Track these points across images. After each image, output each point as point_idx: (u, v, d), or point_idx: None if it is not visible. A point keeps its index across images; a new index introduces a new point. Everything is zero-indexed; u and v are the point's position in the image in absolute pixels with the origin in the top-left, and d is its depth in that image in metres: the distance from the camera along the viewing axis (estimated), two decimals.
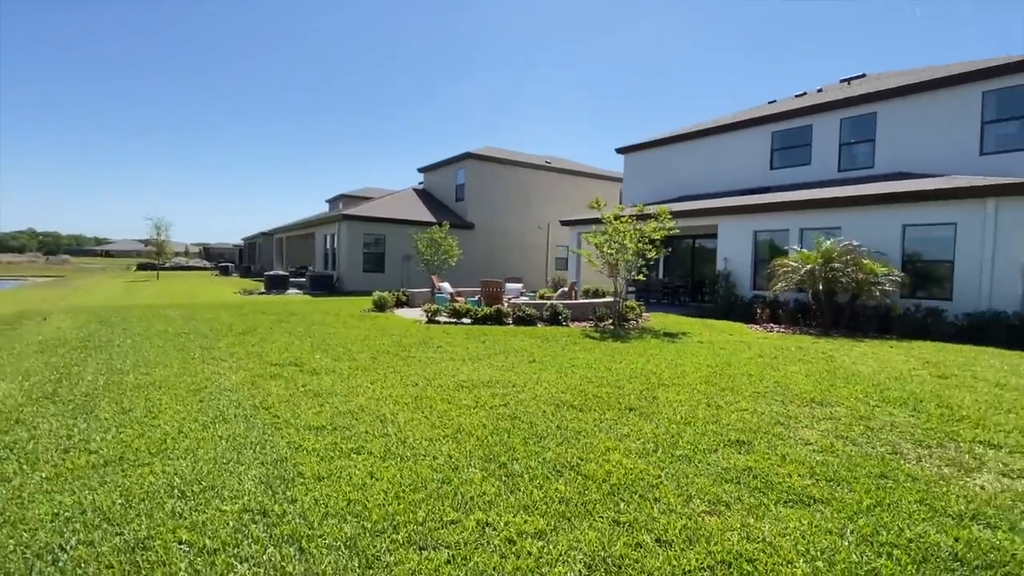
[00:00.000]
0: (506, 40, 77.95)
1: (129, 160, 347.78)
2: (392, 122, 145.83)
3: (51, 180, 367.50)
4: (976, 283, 11.28)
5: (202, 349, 7.91)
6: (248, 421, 4.47)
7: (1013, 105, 13.11)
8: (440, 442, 4.03)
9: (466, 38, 70.48)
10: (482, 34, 74.28)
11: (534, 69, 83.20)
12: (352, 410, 4.84)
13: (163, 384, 5.68)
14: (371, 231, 23.39)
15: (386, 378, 6.16)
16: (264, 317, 12.14)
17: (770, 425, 4.68)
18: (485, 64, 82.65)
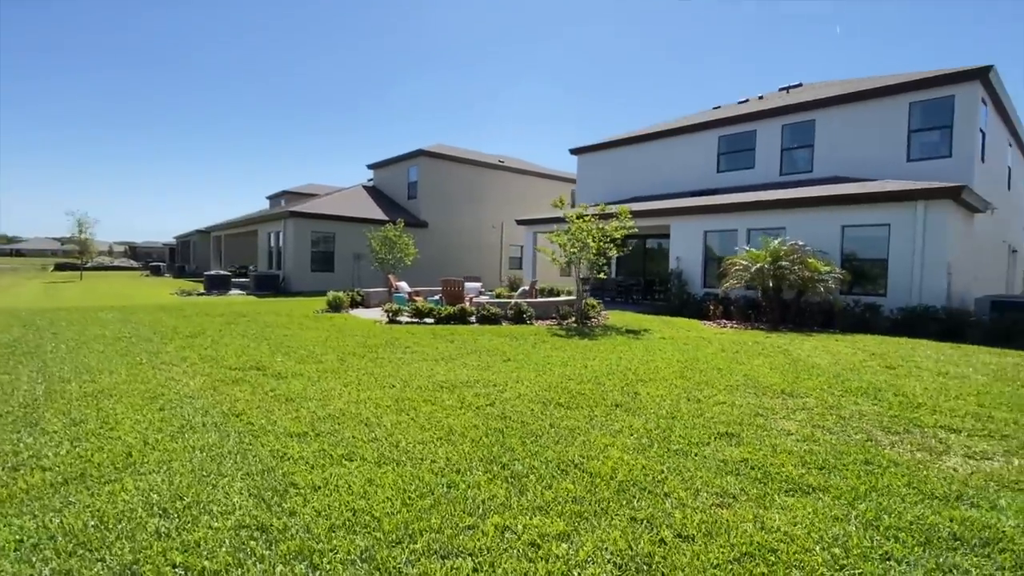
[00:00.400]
0: (456, 41, 77.43)
1: (41, 155, 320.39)
2: (335, 119, 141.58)
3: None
4: (908, 280, 12.16)
5: (149, 354, 7.32)
6: (220, 430, 4.15)
7: (935, 115, 14.22)
8: (434, 445, 3.88)
9: (414, 37, 69.40)
10: (430, 34, 73.43)
11: (483, 70, 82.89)
12: (332, 415, 4.59)
13: (113, 392, 5.20)
14: (319, 229, 22.55)
15: (360, 380, 5.91)
16: (210, 319, 11.42)
17: (751, 417, 4.81)
18: (433, 64, 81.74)
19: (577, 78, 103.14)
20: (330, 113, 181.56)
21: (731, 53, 78.87)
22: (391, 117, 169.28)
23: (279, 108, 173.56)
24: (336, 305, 13.67)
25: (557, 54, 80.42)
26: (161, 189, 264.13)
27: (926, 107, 14.37)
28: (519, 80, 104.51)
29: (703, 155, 19.20)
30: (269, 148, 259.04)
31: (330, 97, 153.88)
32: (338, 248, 23.06)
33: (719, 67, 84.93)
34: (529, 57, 79.79)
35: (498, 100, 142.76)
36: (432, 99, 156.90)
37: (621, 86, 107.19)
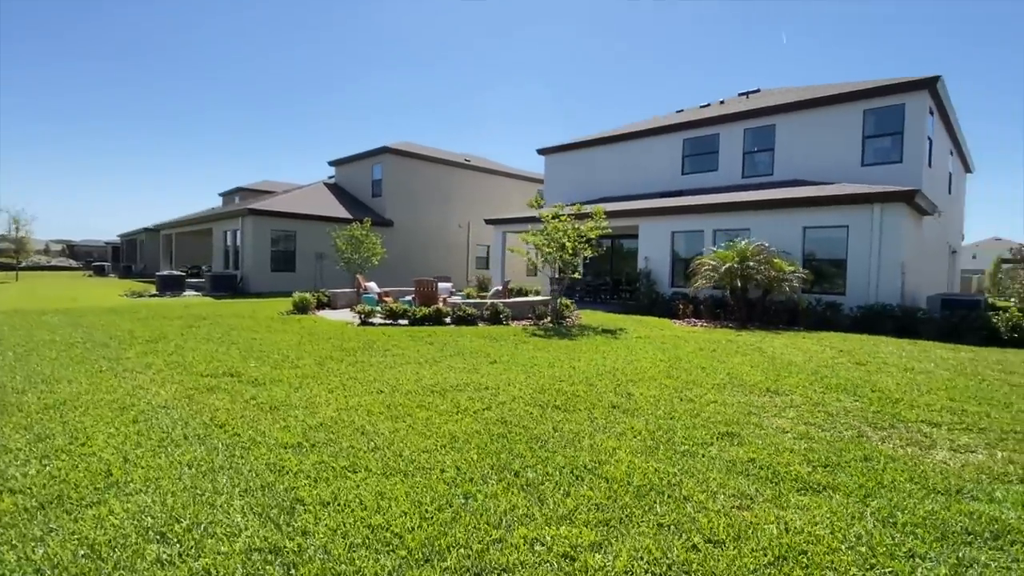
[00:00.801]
0: (416, 39, 76.36)
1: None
2: (291, 115, 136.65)
3: None
4: (865, 279, 12.73)
5: (108, 361, 6.83)
6: (205, 443, 3.88)
7: (887, 123, 14.96)
8: (439, 453, 3.74)
9: (373, 33, 68.01)
10: (389, 31, 72.05)
11: (438, 68, 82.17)
12: (324, 424, 4.37)
13: (77, 404, 4.80)
14: (280, 227, 21.77)
15: (345, 386, 5.68)
16: (169, 322, 10.81)
17: (745, 416, 4.88)
18: (387, 62, 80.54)
19: (548, 78, 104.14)
20: (286, 108, 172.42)
21: (691, 57, 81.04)
22: (350, 114, 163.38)
23: (231, 101, 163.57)
24: (303, 306, 13.20)
25: (525, 54, 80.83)
26: (100, 185, 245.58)
27: (879, 114, 15.09)
28: (482, 80, 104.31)
29: (668, 157, 19.57)
30: (221, 143, 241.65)
31: (285, 91, 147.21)
32: (299, 247, 22.33)
33: (681, 70, 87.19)
34: (496, 57, 79.86)
35: (462, 100, 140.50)
36: (392, 97, 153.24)
37: (586, 86, 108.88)
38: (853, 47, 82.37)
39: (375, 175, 25.75)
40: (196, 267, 28.41)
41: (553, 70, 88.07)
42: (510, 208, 28.65)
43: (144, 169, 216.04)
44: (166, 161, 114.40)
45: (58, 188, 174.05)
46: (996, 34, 71.33)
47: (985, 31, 70.97)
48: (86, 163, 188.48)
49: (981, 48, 69.41)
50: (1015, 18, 69.81)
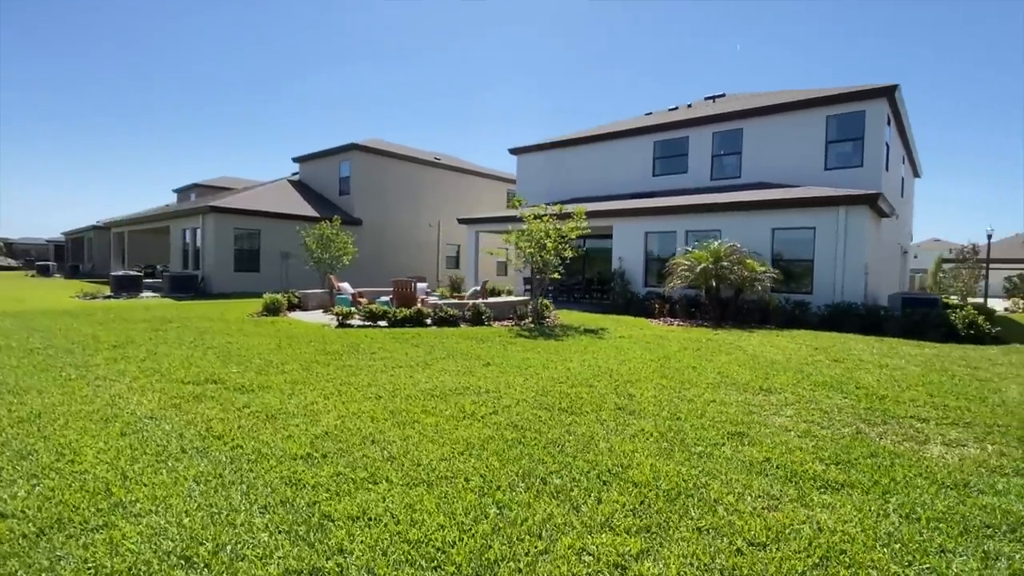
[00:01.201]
0: (376, 36, 74.91)
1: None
2: (249, 109, 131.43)
3: None
4: (831, 279, 13.24)
5: (77, 368, 6.40)
6: (207, 456, 3.66)
7: (849, 128, 15.59)
8: (458, 461, 3.64)
9: (335, 28, 66.28)
10: (352, 27, 70.39)
11: (407, 65, 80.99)
12: (329, 432, 4.20)
13: (54, 416, 4.45)
14: (244, 225, 20.98)
15: (340, 392, 5.48)
16: (132, 325, 10.24)
17: (746, 415, 4.97)
18: (350, 58, 78.73)
19: (518, 79, 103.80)
20: (244, 103, 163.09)
21: (657, 61, 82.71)
22: (310, 111, 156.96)
23: (185, 95, 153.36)
24: (274, 308, 12.75)
25: (488, 52, 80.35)
26: (40, 181, 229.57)
27: (841, 120, 15.72)
28: (451, 80, 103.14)
29: (640, 159, 19.86)
30: (173, 138, 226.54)
31: (243, 86, 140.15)
32: (264, 246, 21.59)
33: (647, 74, 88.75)
34: (445, 57, 78.99)
35: (428, 100, 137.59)
36: (355, 94, 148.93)
37: (558, 87, 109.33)
38: (803, 55, 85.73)
39: (343, 172, 25.16)
40: (151, 267, 27.08)
41: (523, 71, 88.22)
42: (481, 207, 28.52)
43: (90, 165, 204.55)
44: (113, 156, 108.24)
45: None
46: (933, 39, 75.56)
47: (919, 36, 75.17)
48: (24, 160, 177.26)
49: (916, 52, 73.48)
50: (946, 24, 74.19)
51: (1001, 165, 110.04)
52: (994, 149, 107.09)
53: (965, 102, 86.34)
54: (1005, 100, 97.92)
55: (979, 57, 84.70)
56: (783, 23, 69.17)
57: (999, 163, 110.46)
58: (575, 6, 68.51)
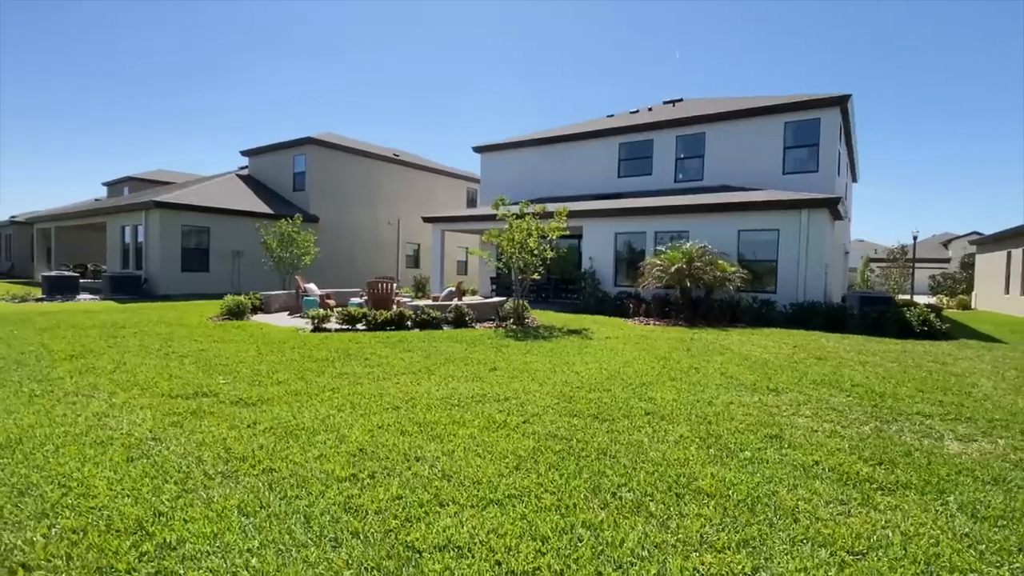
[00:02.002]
0: (313, 27, 71.99)
1: None
2: (184, 98, 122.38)
3: None
4: (794, 278, 13.84)
5: (38, 383, 5.72)
6: (240, 482, 3.30)
7: (805, 135, 16.37)
8: (517, 477, 3.46)
9: (262, 18, 62.87)
10: (282, 18, 67.17)
11: (342, 59, 77.76)
12: (363, 449, 3.91)
13: (37, 440, 3.92)
14: (191, 222, 19.66)
15: (353, 404, 5.15)
16: (82, 332, 9.34)
17: (770, 417, 5.04)
18: (284, 51, 75.25)
19: (457, 82, 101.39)
20: (180, 94, 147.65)
21: (612, 63, 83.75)
22: (251, 103, 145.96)
23: (110, 83, 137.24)
24: (237, 311, 11.99)
25: (421, 48, 78.55)
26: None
27: (798, 127, 16.48)
28: (394, 75, 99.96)
29: (606, 160, 20.08)
30: (99, 130, 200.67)
31: (177, 75, 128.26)
32: (213, 244, 20.33)
33: (602, 76, 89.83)
34: (389, 54, 76.86)
35: (374, 96, 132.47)
36: (298, 87, 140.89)
37: (498, 85, 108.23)
38: (751, 62, 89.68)
39: (297, 167, 24.08)
40: (82, 266, 24.96)
41: (463, 71, 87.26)
42: (440, 206, 28.09)
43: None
44: (27, 148, 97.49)
45: None
46: (842, 42, 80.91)
47: (836, 40, 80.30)
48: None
49: (830, 57, 78.39)
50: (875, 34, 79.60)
51: (916, 169, 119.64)
52: (908, 153, 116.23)
53: (881, 108, 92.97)
54: (913, 106, 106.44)
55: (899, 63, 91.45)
56: (727, 30, 72.02)
57: (913, 167, 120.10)
58: (527, 7, 68.63)
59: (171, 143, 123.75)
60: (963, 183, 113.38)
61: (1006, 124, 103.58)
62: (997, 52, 78.38)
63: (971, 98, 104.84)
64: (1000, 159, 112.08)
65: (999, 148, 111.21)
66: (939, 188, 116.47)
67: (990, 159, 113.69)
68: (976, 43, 76.58)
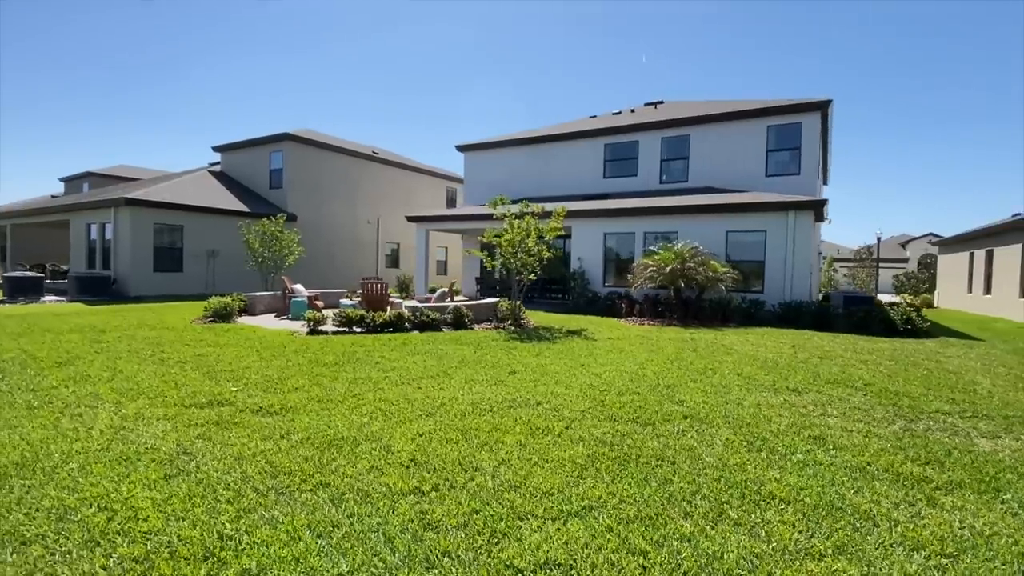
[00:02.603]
0: (279, 23, 70.11)
1: None
2: (148, 96, 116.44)
3: None
4: (781, 279, 14.15)
5: (29, 392, 5.32)
6: (297, 499, 3.11)
7: (787, 138, 16.76)
8: (585, 486, 3.37)
9: (224, 9, 60.74)
10: (245, 14, 65.11)
11: (315, 55, 75.77)
12: (414, 459, 3.75)
13: (56, 458, 3.62)
14: (164, 220, 18.83)
15: (384, 411, 4.96)
16: (61, 337, 8.79)
17: (802, 417, 5.08)
18: (251, 46, 72.91)
19: (417, 74, 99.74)
20: (143, 87, 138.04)
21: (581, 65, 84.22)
22: (219, 99, 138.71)
23: (66, 74, 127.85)
24: (224, 313, 11.52)
25: (395, 46, 77.35)
26: None
27: (780, 131, 16.86)
28: (348, 74, 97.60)
29: (591, 161, 20.13)
30: (53, 123, 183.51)
31: (139, 68, 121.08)
32: (187, 244, 19.53)
33: (580, 77, 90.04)
34: (362, 52, 75.27)
35: (339, 92, 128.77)
36: (266, 84, 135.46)
37: (467, 85, 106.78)
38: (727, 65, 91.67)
39: (274, 164, 23.36)
40: (40, 266, 23.64)
41: (441, 69, 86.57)
42: (420, 205, 27.75)
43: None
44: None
45: None
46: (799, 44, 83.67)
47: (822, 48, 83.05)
48: None
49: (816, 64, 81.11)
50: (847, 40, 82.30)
51: (871, 171, 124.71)
52: (867, 155, 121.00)
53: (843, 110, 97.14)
54: (872, 110, 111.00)
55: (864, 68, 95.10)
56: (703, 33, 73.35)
57: (870, 169, 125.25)
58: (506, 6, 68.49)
59: (131, 138, 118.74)
60: (917, 186, 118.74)
61: (959, 129, 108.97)
62: (949, 56, 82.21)
63: (927, 103, 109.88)
64: (952, 163, 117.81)
65: (953, 153, 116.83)
66: (892, 190, 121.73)
67: (942, 163, 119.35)
68: (931, 46, 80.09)
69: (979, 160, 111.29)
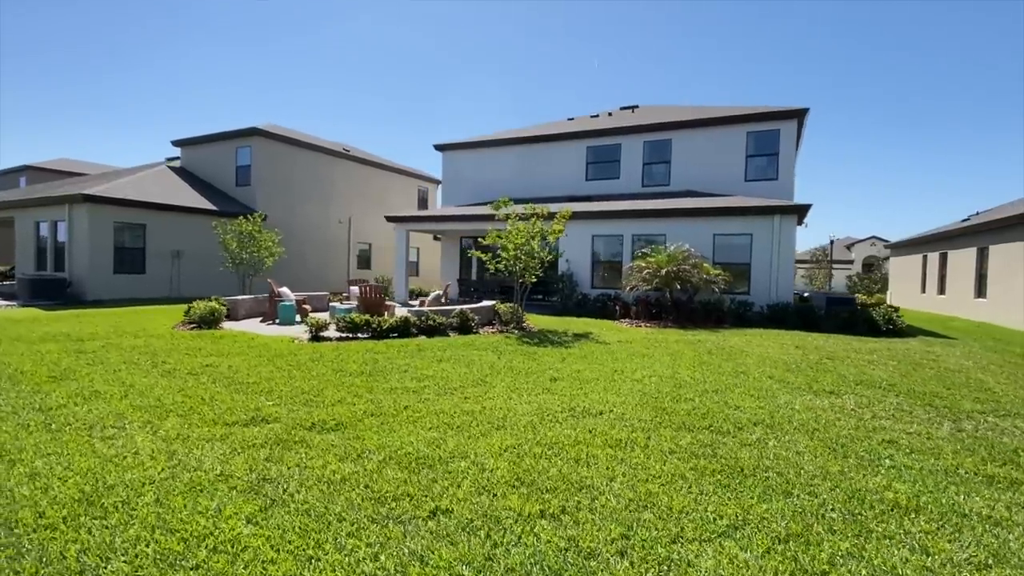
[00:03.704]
0: (220, 15, 66.65)
1: None
2: (94, 87, 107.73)
3: None
4: (767, 281, 14.57)
5: (36, 412, 4.77)
6: (420, 527, 2.86)
7: (765, 144, 17.30)
8: (714, 502, 3.27)
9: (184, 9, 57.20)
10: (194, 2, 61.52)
11: (263, 49, 72.33)
12: (521, 480, 3.54)
13: (122, 489, 3.21)
14: (126, 219, 17.57)
15: (452, 425, 4.71)
16: (36, 347, 8.01)
17: (860, 420, 5.17)
18: (206, 40, 68.92)
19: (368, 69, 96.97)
20: (77, 78, 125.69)
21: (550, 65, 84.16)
22: (174, 88, 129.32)
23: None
24: (211, 318, 10.80)
25: (337, 42, 74.95)
26: None
27: (759, 137, 17.38)
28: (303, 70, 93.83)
29: (573, 163, 20.16)
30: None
31: (79, 59, 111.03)
32: (150, 244, 18.31)
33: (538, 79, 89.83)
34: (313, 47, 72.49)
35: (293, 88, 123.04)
36: (214, 77, 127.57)
37: (434, 83, 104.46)
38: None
39: (241, 160, 22.26)
40: None
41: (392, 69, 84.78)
42: (392, 204, 27.14)
43: None
44: None
45: None
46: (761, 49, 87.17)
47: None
48: None
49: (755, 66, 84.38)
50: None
51: (814, 173, 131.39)
52: (809, 158, 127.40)
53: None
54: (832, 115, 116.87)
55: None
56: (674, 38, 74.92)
57: (814, 171, 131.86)
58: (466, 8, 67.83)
59: (70, 132, 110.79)
60: (859, 189, 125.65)
61: (897, 132, 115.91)
62: (886, 61, 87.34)
63: (863, 106, 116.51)
64: (897, 166, 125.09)
65: (899, 154, 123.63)
66: (830, 193, 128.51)
67: (890, 166, 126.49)
68: (865, 49, 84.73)
69: (925, 164, 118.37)
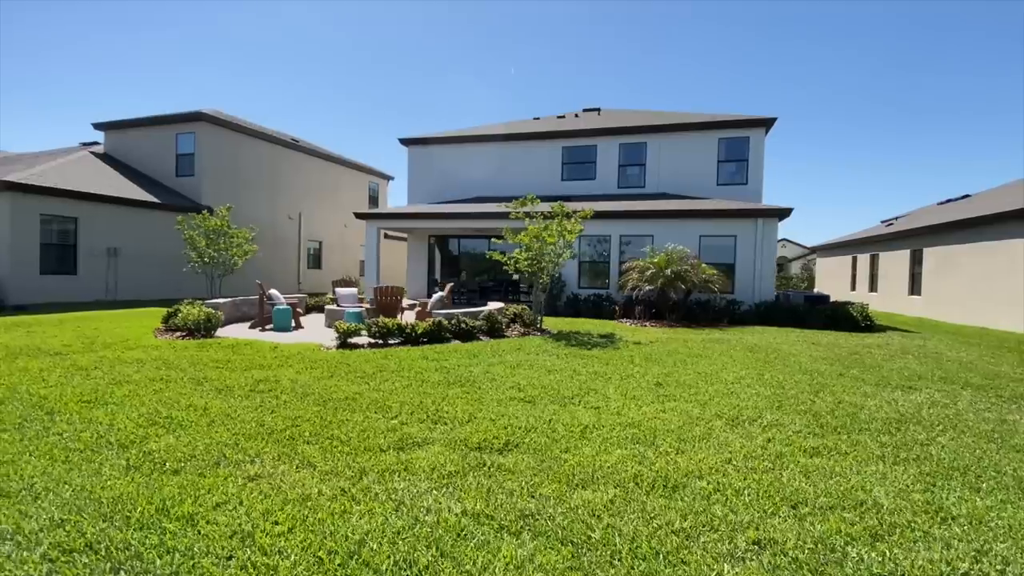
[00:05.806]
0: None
1: None
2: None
3: None
4: (751, 280, 15.33)
5: (122, 448, 3.92)
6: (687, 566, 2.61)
7: (735, 151, 18.20)
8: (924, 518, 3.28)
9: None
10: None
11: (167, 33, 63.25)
12: (700, 510, 3.37)
13: (370, 543, 2.66)
14: (54, 211, 15.22)
15: (647, 441, 4.42)
16: (17, 363, 6.68)
17: (981, 414, 5.48)
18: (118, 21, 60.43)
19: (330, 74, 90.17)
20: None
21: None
22: (80, 70, 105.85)
23: None
24: (207, 325, 9.58)
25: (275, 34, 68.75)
26: None
27: (729, 143, 18.25)
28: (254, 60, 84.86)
29: (548, 163, 20.08)
30: None
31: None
32: (83, 240, 16.03)
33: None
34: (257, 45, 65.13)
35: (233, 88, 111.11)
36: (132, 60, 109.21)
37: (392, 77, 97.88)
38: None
39: (182, 148, 20.08)
40: None
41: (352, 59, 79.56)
42: (344, 200, 25.80)
43: None
44: None
45: None
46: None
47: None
48: None
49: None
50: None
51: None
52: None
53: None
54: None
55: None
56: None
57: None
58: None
59: None
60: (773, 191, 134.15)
61: (804, 126, 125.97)
62: (817, 60, 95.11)
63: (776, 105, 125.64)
64: (807, 167, 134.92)
65: (812, 150, 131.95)
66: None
67: (799, 168, 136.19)
68: (804, 52, 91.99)
69: (836, 161, 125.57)
